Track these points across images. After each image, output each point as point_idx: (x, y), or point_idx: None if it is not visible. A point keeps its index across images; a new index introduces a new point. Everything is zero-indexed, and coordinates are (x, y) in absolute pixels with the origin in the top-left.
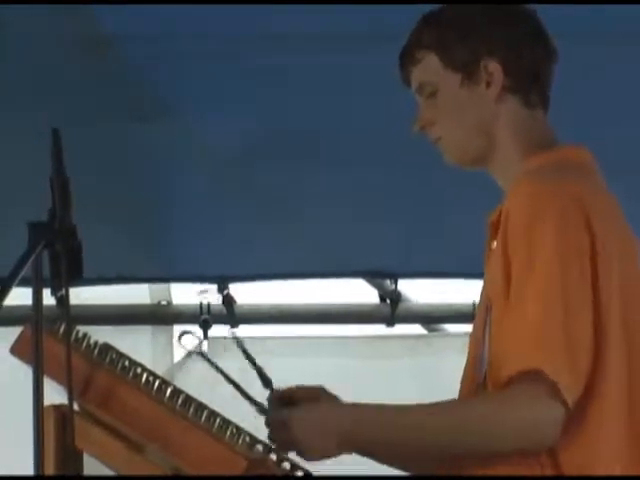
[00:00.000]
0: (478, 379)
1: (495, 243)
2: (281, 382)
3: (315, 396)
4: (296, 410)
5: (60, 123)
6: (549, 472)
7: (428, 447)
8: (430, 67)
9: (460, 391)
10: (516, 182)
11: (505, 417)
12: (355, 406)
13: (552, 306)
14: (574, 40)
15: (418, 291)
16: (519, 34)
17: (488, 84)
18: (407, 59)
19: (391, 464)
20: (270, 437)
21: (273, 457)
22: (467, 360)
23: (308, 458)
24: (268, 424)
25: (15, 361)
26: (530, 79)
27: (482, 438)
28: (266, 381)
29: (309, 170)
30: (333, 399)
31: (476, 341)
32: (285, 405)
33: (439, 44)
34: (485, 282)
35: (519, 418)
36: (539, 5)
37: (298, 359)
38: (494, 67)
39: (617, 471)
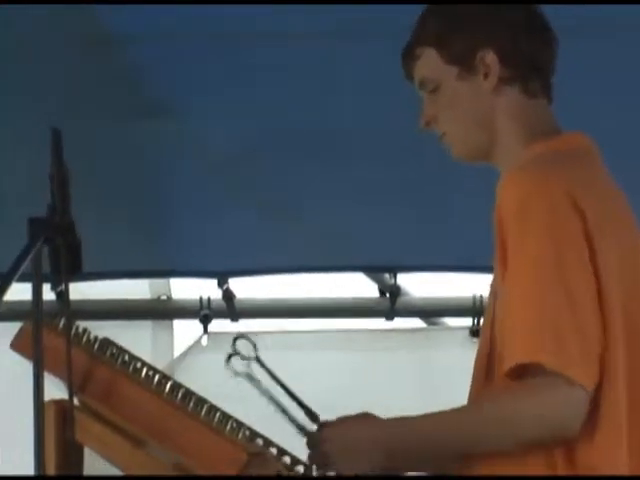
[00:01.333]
0: (485, 364)
1: None
2: (281, 375)
3: None
4: (327, 428)
5: (61, 120)
6: (560, 472)
7: (465, 447)
8: (430, 62)
9: (473, 377)
10: (508, 173)
11: (528, 406)
12: (384, 420)
13: (552, 287)
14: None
15: (417, 284)
16: (515, 23)
17: (485, 75)
18: (408, 56)
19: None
20: (308, 457)
21: (273, 451)
22: (480, 345)
23: (342, 471)
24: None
25: (15, 356)
26: (529, 68)
27: (508, 430)
28: (312, 414)
29: (308, 164)
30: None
31: (485, 329)
32: None
33: (436, 39)
34: (494, 272)
35: (541, 405)
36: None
37: (297, 353)
38: (491, 58)
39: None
